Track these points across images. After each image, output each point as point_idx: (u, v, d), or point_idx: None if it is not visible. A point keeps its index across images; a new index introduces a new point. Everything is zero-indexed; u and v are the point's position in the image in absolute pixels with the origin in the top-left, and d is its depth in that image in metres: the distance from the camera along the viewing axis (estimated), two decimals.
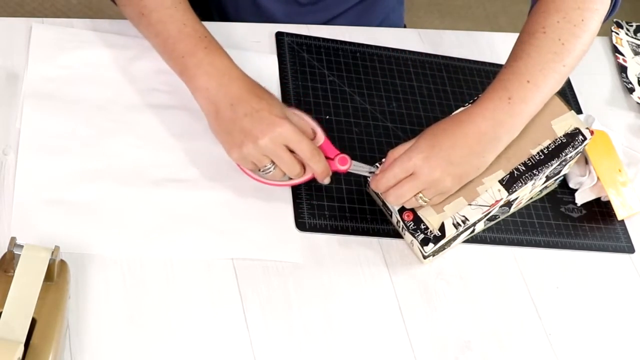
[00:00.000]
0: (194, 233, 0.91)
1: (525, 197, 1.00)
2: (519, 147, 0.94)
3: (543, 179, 0.97)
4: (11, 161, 0.90)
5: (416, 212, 0.93)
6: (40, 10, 2.17)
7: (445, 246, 0.95)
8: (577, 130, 0.96)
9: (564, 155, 0.95)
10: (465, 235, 0.97)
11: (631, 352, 0.98)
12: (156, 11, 0.94)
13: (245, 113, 0.89)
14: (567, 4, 0.94)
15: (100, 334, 0.81)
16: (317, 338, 0.88)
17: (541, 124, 0.96)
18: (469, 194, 0.93)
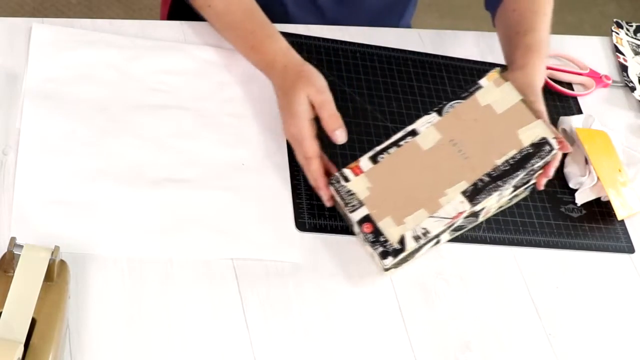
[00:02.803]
0: (194, 233, 0.91)
1: (493, 207, 0.98)
2: (483, 157, 0.93)
3: (510, 189, 0.95)
4: (11, 161, 0.90)
5: (376, 223, 0.91)
6: (40, 10, 2.17)
7: (407, 258, 0.93)
8: (544, 139, 0.92)
9: (530, 166, 0.92)
10: (428, 246, 0.94)
11: (631, 352, 0.98)
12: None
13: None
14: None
15: (100, 334, 0.81)
16: (317, 338, 0.88)
17: (507, 133, 0.93)
18: (430, 205, 0.91)
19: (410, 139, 0.94)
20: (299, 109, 0.95)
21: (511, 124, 0.94)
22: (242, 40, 1.05)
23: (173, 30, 1.08)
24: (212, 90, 1.04)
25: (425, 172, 0.93)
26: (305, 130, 0.95)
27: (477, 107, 0.95)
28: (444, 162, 0.93)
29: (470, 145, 0.93)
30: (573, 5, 2.77)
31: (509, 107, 0.94)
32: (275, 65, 1.01)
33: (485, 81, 0.96)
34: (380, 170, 0.94)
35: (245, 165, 0.98)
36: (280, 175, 0.98)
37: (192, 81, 1.03)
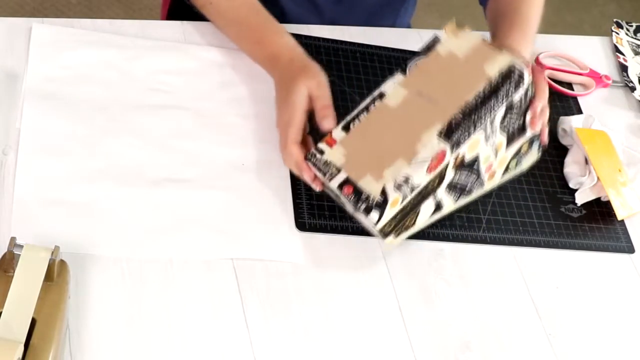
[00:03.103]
0: (194, 233, 0.91)
1: (494, 162, 0.93)
2: (454, 98, 0.89)
3: (497, 132, 0.90)
4: (11, 161, 0.90)
5: (355, 183, 0.88)
6: (40, 10, 2.17)
7: (403, 220, 0.89)
8: (511, 67, 0.89)
9: (503, 96, 0.88)
10: (430, 208, 0.91)
11: (631, 352, 0.98)
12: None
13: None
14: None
15: (100, 334, 0.81)
16: (317, 338, 0.88)
17: (474, 72, 0.90)
18: (408, 154, 0.87)
19: (379, 102, 0.93)
20: (296, 98, 0.95)
21: (476, 63, 0.91)
22: (246, 36, 1.05)
23: (173, 30, 1.08)
24: (212, 90, 1.04)
25: (398, 127, 0.90)
26: (297, 118, 0.95)
27: (439, 57, 0.94)
28: (415, 113, 0.90)
29: (439, 91, 0.91)
30: (573, 5, 2.77)
31: (471, 48, 0.93)
32: (280, 58, 1.01)
33: (443, 34, 0.95)
34: (353, 137, 0.92)
35: (245, 165, 0.98)
36: (280, 175, 0.98)
37: (192, 81, 1.03)
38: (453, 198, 0.94)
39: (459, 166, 0.90)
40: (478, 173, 0.93)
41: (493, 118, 0.90)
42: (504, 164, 0.96)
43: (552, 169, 1.12)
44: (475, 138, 0.89)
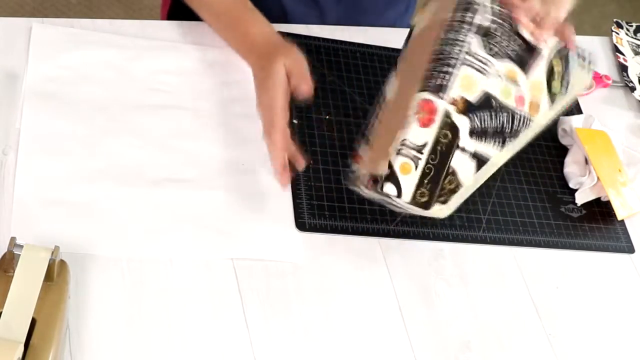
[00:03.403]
0: (194, 233, 0.91)
1: (523, 91, 0.87)
2: (421, 62, 0.88)
3: (492, 61, 0.85)
4: (11, 161, 0.90)
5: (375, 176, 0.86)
6: (40, 10, 2.17)
7: (439, 184, 0.84)
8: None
9: (459, 24, 0.85)
10: (467, 163, 0.85)
11: (631, 352, 0.98)
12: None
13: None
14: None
15: (100, 334, 0.81)
16: (317, 338, 0.88)
17: (438, 25, 0.89)
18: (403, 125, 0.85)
19: (383, 104, 0.93)
20: (275, 78, 0.94)
21: (440, 18, 0.89)
22: (225, 24, 1.05)
23: (173, 30, 1.08)
24: (212, 90, 1.04)
25: (400, 115, 0.88)
26: (278, 99, 0.94)
27: (416, 38, 0.94)
28: (408, 94, 0.88)
29: (420, 65, 0.88)
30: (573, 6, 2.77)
31: (435, 12, 0.91)
32: (255, 43, 1.01)
33: (415, 19, 0.95)
34: (371, 143, 0.91)
35: (245, 165, 0.98)
36: None
37: (192, 81, 1.03)
38: (495, 145, 0.87)
39: (466, 110, 0.85)
40: (507, 109, 0.87)
41: (468, 49, 0.85)
42: (540, 90, 0.88)
43: (552, 169, 1.12)
44: (463, 75, 0.85)
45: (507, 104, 0.87)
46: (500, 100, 0.86)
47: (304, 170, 0.98)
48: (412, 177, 0.85)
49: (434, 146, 0.85)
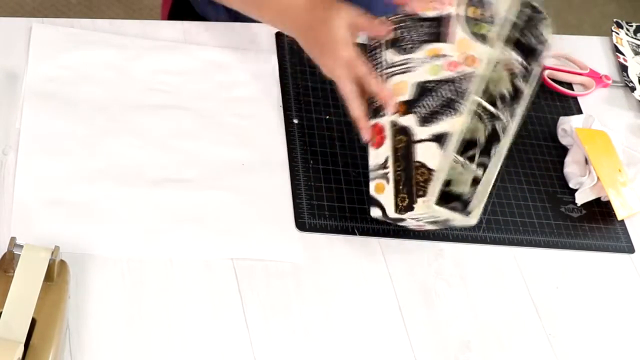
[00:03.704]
0: (194, 233, 0.91)
1: (451, 56, 0.89)
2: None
3: (391, 50, 0.90)
4: (11, 161, 0.90)
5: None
6: (40, 10, 2.17)
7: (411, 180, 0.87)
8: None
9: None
10: (429, 148, 0.87)
11: (631, 352, 0.98)
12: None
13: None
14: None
15: (100, 334, 0.81)
16: (317, 338, 0.88)
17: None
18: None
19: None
20: (343, 33, 0.93)
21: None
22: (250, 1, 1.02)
23: (173, 30, 1.08)
24: (213, 90, 1.04)
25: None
26: (356, 52, 0.92)
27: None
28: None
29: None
30: (573, 5, 2.77)
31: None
32: (294, 6, 0.97)
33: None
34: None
35: (245, 165, 0.98)
36: (280, 175, 0.98)
37: (192, 81, 1.03)
38: (448, 115, 0.88)
39: (408, 108, 0.89)
40: (443, 82, 0.89)
41: (386, 63, 0.91)
42: (467, 43, 0.89)
43: (552, 169, 1.12)
44: (392, 86, 0.91)
45: (442, 77, 0.89)
46: (432, 79, 0.89)
47: (304, 170, 0.98)
48: (388, 192, 0.90)
49: (394, 155, 0.90)
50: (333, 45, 0.94)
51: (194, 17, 1.10)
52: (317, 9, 0.96)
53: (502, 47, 0.86)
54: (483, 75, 0.86)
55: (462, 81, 0.87)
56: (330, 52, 0.94)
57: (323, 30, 0.94)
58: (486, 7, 0.87)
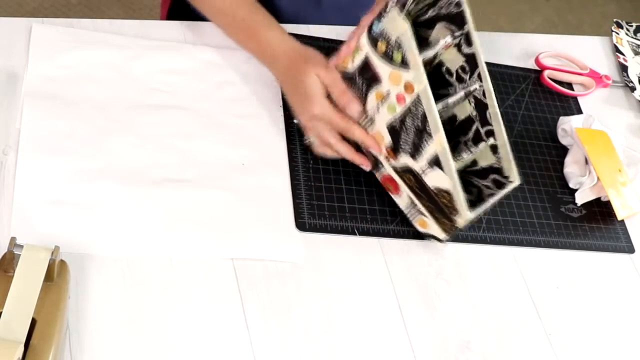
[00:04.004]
0: (194, 233, 0.91)
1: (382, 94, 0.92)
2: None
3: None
4: (11, 161, 0.90)
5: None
6: (40, 10, 2.17)
7: (441, 205, 0.92)
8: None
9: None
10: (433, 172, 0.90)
11: (631, 352, 0.98)
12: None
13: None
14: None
15: (100, 334, 0.81)
16: (317, 338, 0.88)
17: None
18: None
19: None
20: (315, 89, 0.96)
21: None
22: (236, 29, 1.05)
23: (173, 30, 1.08)
24: (212, 90, 1.04)
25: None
26: (331, 107, 0.96)
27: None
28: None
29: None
30: (573, 5, 2.77)
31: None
32: (275, 54, 1.01)
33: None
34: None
35: (245, 165, 0.98)
36: (280, 175, 0.98)
37: (192, 81, 1.03)
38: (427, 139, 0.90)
39: (395, 151, 0.94)
40: (402, 115, 0.92)
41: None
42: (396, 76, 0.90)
43: (552, 169, 1.12)
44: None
45: (400, 112, 0.91)
46: (395, 117, 0.92)
47: (304, 170, 0.98)
48: (430, 224, 0.95)
49: (414, 193, 0.95)
50: (308, 100, 0.96)
51: (194, 17, 1.10)
52: (292, 60, 0.99)
53: (420, 67, 0.88)
54: (425, 91, 0.88)
55: (416, 107, 0.89)
56: (306, 107, 0.97)
57: (295, 82, 0.98)
58: (386, 36, 0.89)
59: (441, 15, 0.94)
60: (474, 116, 0.95)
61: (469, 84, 0.95)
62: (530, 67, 1.24)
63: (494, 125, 0.94)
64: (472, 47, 0.94)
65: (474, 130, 0.96)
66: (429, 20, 0.95)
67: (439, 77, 0.96)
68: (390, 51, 0.88)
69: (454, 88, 0.96)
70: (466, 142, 0.97)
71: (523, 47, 1.26)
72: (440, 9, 0.94)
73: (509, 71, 1.22)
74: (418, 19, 0.95)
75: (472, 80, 0.94)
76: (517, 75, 1.22)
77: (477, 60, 0.94)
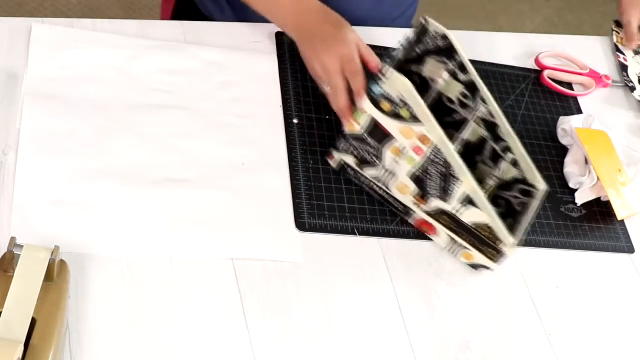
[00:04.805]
0: (194, 233, 0.91)
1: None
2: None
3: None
4: (11, 161, 0.90)
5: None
6: (40, 10, 2.17)
7: (483, 238, 0.94)
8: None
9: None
10: (469, 210, 0.92)
11: (631, 352, 0.98)
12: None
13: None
14: None
15: (100, 334, 0.81)
16: (317, 338, 0.88)
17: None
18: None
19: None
20: (352, 36, 1.00)
21: None
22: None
23: (173, 30, 1.08)
24: (213, 90, 1.04)
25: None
26: (357, 52, 0.99)
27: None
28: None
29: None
30: (573, 5, 2.77)
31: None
32: (310, 8, 1.04)
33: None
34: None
35: (245, 165, 0.98)
36: (280, 175, 0.98)
37: (192, 81, 1.03)
38: (453, 183, 0.93)
39: (423, 197, 0.95)
40: (423, 164, 0.93)
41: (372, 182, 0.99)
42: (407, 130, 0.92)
43: (552, 169, 1.12)
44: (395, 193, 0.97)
45: (420, 163, 0.93)
46: (417, 169, 0.93)
47: (304, 170, 0.98)
48: (476, 256, 0.96)
49: (453, 231, 0.96)
50: (338, 43, 0.99)
51: (194, 17, 1.10)
52: (327, 24, 1.01)
53: (431, 119, 0.89)
54: (443, 141, 0.90)
55: (436, 156, 0.91)
56: (332, 47, 0.99)
57: (332, 32, 1.00)
58: (389, 96, 0.90)
59: (430, 50, 0.97)
60: (486, 136, 0.97)
61: (472, 108, 0.97)
62: (530, 67, 1.24)
63: (509, 141, 0.96)
64: (468, 75, 0.96)
65: (489, 149, 0.98)
66: (418, 57, 0.98)
67: (441, 106, 0.98)
68: (396, 109, 0.90)
69: (459, 114, 0.98)
70: (483, 161, 0.99)
71: (523, 47, 1.26)
72: (427, 45, 0.97)
73: (509, 71, 1.22)
74: (406, 59, 0.97)
75: (476, 104, 0.96)
76: (517, 75, 1.22)
77: (476, 85, 0.95)
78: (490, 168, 0.98)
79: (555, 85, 1.22)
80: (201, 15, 1.07)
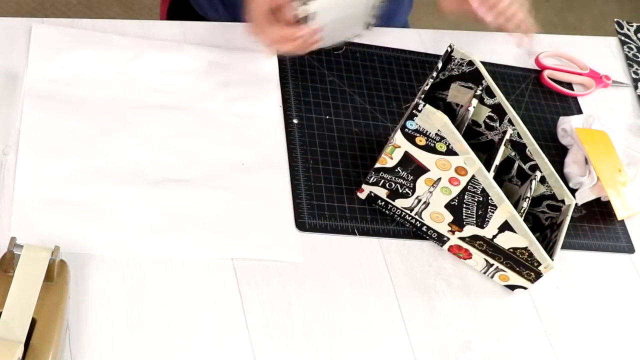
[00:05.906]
0: (194, 233, 0.91)
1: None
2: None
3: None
4: (11, 161, 0.90)
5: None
6: (40, 10, 2.17)
7: (521, 260, 0.94)
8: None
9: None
10: (507, 235, 0.93)
11: (631, 352, 0.98)
12: None
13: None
14: None
15: (100, 334, 0.81)
16: (317, 338, 0.88)
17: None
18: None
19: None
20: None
21: None
22: None
23: (173, 30, 1.08)
24: (212, 90, 1.04)
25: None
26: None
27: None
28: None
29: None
30: (573, 5, 2.77)
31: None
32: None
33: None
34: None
35: (245, 165, 0.98)
36: (280, 175, 0.98)
37: (192, 81, 1.03)
38: (491, 208, 0.93)
39: (458, 224, 0.95)
40: (461, 193, 0.93)
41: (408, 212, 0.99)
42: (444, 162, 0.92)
43: None
44: (429, 222, 0.98)
45: (456, 193, 0.93)
46: (452, 197, 0.93)
47: (304, 170, 0.98)
48: (513, 277, 0.97)
49: (489, 255, 0.96)
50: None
51: (194, 17, 1.10)
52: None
53: (470, 152, 0.89)
54: (481, 172, 0.90)
55: (473, 185, 0.91)
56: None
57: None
58: (424, 131, 0.90)
59: (454, 76, 0.98)
60: (512, 156, 0.99)
61: (500, 130, 0.98)
62: (530, 67, 1.24)
63: (537, 159, 0.97)
64: (495, 99, 0.97)
65: (516, 168, 0.99)
66: (441, 82, 0.99)
67: (467, 130, 0.99)
68: (432, 143, 0.90)
69: (485, 136, 1.00)
70: (510, 179, 1.00)
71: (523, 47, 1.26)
72: (451, 71, 0.98)
73: (509, 71, 1.22)
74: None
75: (504, 126, 0.98)
76: (517, 75, 1.22)
77: (503, 108, 0.97)
78: (517, 186, 1.00)
79: (555, 85, 1.22)
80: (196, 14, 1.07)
